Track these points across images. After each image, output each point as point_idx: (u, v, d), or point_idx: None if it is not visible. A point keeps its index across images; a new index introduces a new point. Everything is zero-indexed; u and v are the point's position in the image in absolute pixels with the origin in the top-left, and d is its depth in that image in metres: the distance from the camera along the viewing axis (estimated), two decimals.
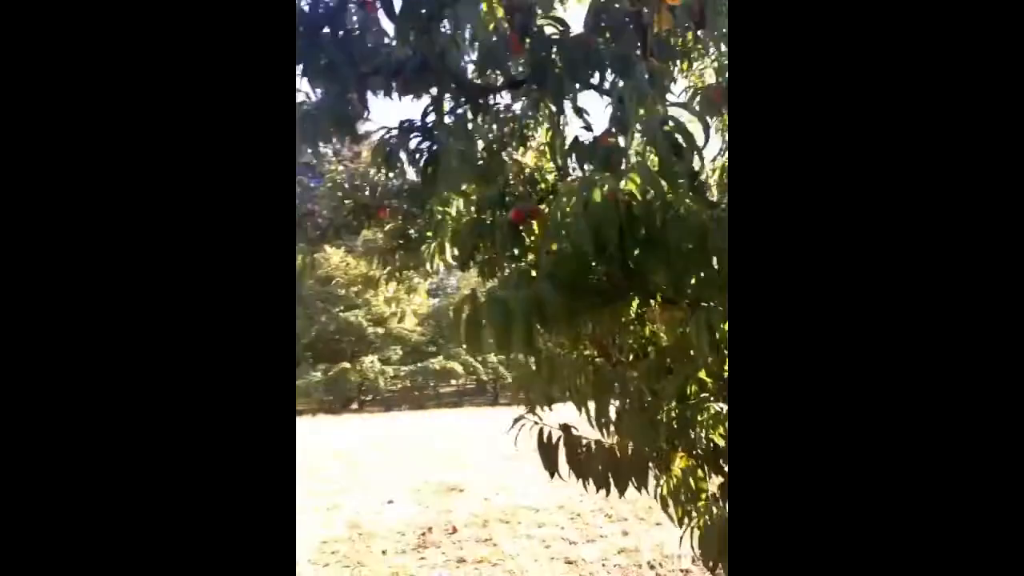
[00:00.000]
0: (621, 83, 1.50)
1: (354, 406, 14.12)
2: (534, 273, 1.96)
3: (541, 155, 2.38)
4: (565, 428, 1.88)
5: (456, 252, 2.22)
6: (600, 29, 1.48)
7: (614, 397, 1.79)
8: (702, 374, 1.62)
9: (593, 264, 1.45)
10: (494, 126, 1.86)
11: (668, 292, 1.50)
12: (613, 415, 1.89)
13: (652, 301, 1.59)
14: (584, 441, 1.86)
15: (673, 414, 1.72)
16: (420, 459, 7.69)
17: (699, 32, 1.62)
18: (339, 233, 2.95)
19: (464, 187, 1.98)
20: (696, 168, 1.67)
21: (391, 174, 2.20)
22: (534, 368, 1.86)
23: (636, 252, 1.42)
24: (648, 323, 1.82)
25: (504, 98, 1.83)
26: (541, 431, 1.87)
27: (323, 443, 9.18)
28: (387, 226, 2.84)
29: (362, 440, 9.56)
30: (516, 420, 1.91)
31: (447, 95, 1.57)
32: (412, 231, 2.71)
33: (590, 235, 1.28)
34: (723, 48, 1.72)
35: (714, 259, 1.33)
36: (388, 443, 9.11)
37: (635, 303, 1.64)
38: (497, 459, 7.11)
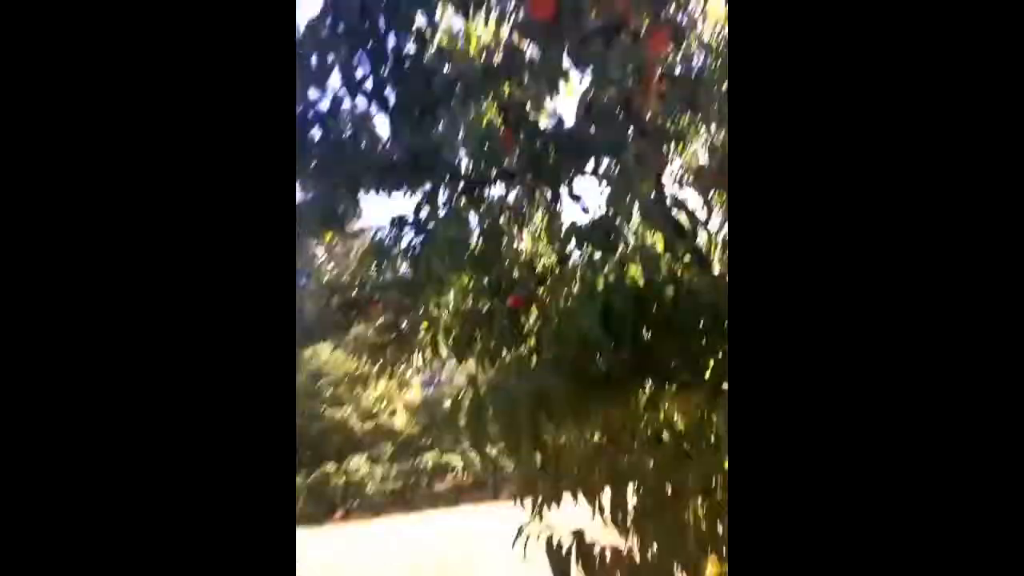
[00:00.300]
0: (616, 167, 1.53)
1: (339, 514, 13.06)
2: (535, 361, 1.86)
3: (538, 239, 2.38)
4: (578, 535, 1.68)
5: (451, 344, 2.13)
6: (592, 117, 1.53)
7: (630, 488, 1.62)
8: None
9: (601, 349, 1.38)
10: (489, 216, 1.87)
11: (683, 375, 1.42)
12: (630, 511, 1.70)
13: (666, 385, 1.49)
14: (598, 548, 1.66)
15: (700, 512, 1.55)
16: (415, 573, 6.97)
17: (693, 113, 1.68)
18: (329, 330, 2.86)
19: (459, 277, 1.94)
20: (700, 244, 1.66)
21: (384, 267, 2.17)
22: (540, 462, 1.70)
23: (648, 334, 1.35)
24: (662, 407, 1.71)
25: (499, 188, 1.86)
26: (550, 539, 1.67)
27: (303, 561, 8.31)
28: (378, 320, 2.76)
29: (349, 554, 8.71)
30: (521, 530, 1.71)
31: (441, 188, 1.58)
32: (404, 324, 2.63)
33: (599, 321, 1.22)
34: (713, 128, 1.79)
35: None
36: (377, 556, 8.31)
37: (648, 387, 1.54)
38: (500, 564, 6.48)
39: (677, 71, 1.61)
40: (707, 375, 1.38)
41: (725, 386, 1.37)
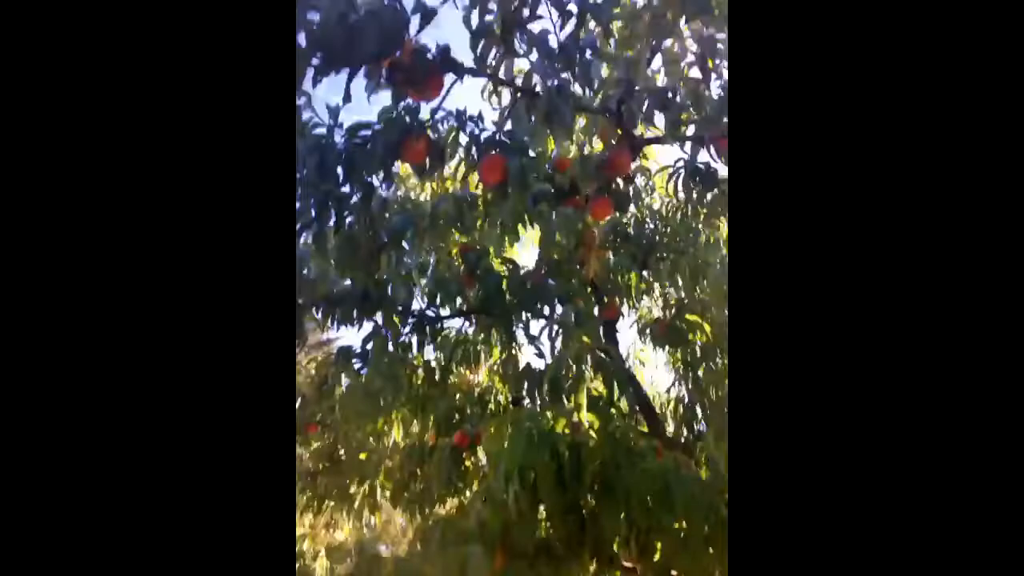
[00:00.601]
0: (569, 315, 1.53)
1: None
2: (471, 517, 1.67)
3: (495, 374, 2.30)
4: None
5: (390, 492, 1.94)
6: (549, 270, 1.57)
7: None
8: None
9: (541, 514, 1.24)
10: (441, 351, 1.82)
11: (630, 554, 1.27)
12: None
13: (610, 564, 1.32)
14: None
15: None
16: None
17: (644, 272, 1.74)
18: None
19: (401, 411, 1.82)
20: (649, 402, 1.61)
21: (327, 395, 2.04)
22: None
23: (591, 501, 1.24)
24: None
25: (455, 322, 1.84)
26: None
27: None
28: (315, 444, 2.53)
29: None
30: None
31: (393, 319, 1.54)
32: (342, 452, 2.41)
33: (518, 479, 1.10)
34: (668, 288, 1.85)
35: (682, 517, 1.15)
36: None
37: (592, 567, 1.36)
38: None
39: (631, 231, 1.71)
40: (656, 556, 1.23)
41: (675, 573, 1.22)
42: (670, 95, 1.26)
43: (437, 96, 1.09)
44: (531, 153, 1.14)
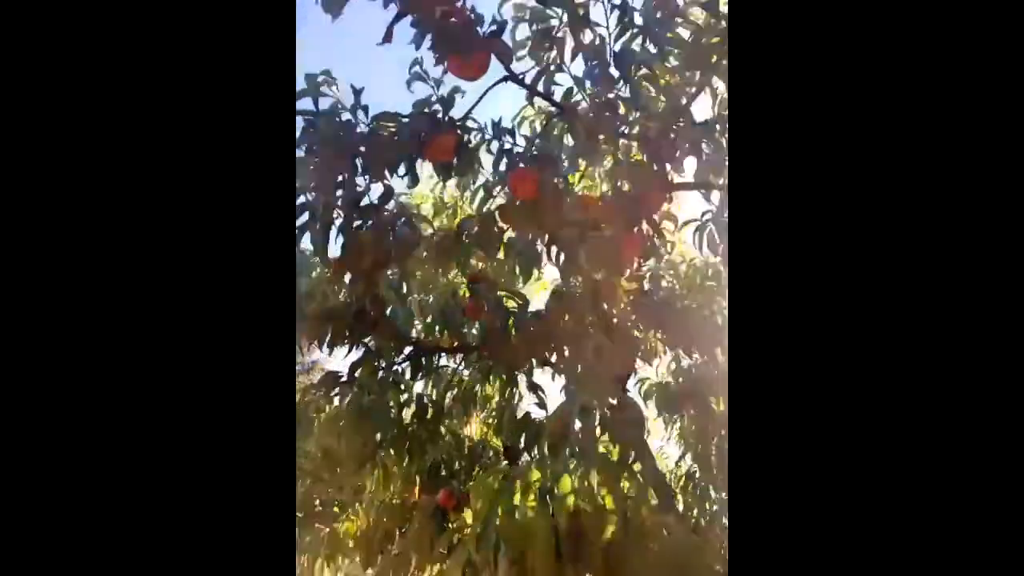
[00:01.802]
0: (578, 364, 1.40)
1: None
2: None
3: (488, 426, 2.13)
4: None
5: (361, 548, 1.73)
6: (560, 310, 1.46)
7: None
8: None
9: None
10: (435, 389, 1.67)
11: None
12: None
13: None
14: None
15: None
16: None
17: (659, 332, 1.63)
18: None
19: (384, 458, 1.64)
20: (660, 473, 1.44)
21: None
22: None
23: None
24: None
25: (453, 360, 1.70)
26: None
27: None
28: None
29: None
30: None
31: (387, 347, 1.41)
32: (317, 501, 2.18)
33: (508, 549, 0.92)
34: (678, 351, 1.72)
35: None
36: None
37: None
38: None
39: (646, 287, 1.61)
40: None
41: None
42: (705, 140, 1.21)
43: (479, 76, 1.02)
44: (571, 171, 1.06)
